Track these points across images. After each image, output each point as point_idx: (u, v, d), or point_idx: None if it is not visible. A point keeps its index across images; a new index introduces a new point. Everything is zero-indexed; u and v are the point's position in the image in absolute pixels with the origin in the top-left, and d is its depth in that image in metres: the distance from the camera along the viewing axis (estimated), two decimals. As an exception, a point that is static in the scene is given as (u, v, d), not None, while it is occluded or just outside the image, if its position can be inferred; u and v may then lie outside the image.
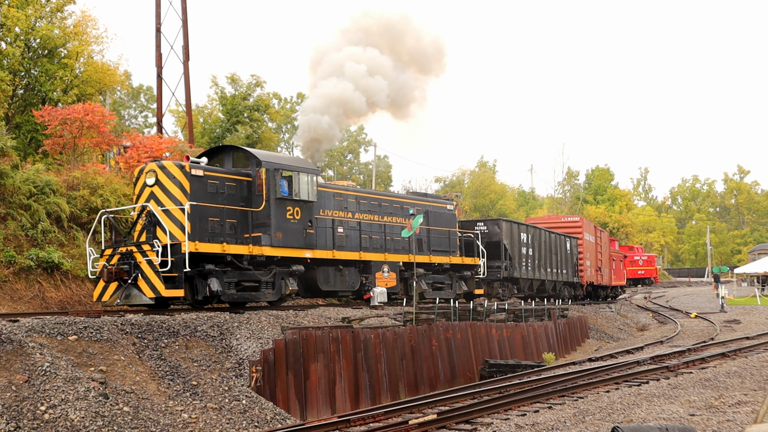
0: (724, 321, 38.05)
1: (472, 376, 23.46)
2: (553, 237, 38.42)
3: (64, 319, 15.60)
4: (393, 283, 25.07)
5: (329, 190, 23.72)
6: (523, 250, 34.21)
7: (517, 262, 33.41)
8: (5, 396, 12.67)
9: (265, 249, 20.60)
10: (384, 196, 26.68)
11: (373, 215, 25.10)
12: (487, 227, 32.62)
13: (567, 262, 40.03)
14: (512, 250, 32.84)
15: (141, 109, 75.40)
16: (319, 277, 22.78)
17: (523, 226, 35.27)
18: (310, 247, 22.01)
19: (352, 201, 24.45)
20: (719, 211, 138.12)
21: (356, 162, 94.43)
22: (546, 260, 36.99)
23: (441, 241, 27.85)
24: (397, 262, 25.44)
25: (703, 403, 14.27)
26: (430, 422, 13.51)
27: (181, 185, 19.47)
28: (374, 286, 24.06)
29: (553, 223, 43.48)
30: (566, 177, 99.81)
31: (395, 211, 26.23)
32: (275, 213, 20.86)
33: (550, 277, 37.58)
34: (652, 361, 21.47)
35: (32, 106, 31.07)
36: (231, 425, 14.79)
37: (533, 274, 35.29)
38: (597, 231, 47.28)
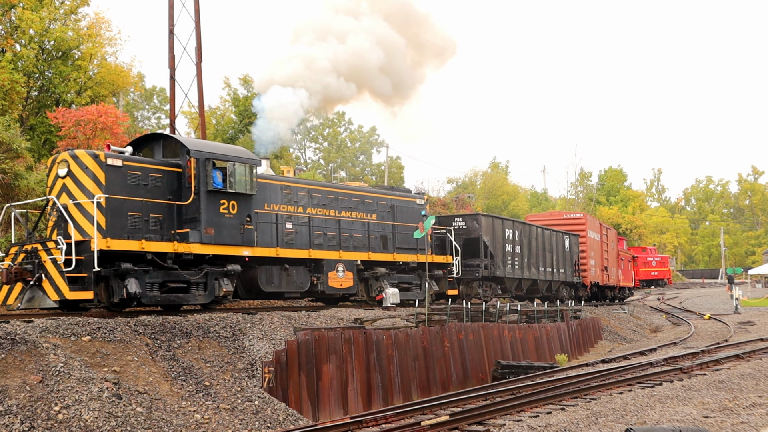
0: (738, 322, 37.86)
1: (485, 378, 23.42)
2: (548, 234, 36.34)
3: (77, 320, 15.67)
4: (349, 283, 23.20)
5: (276, 183, 21.92)
6: (509, 248, 32.15)
7: (501, 261, 31.34)
8: (20, 396, 12.74)
9: (193, 246, 18.71)
10: (342, 189, 24.63)
11: (328, 210, 23.28)
12: (466, 223, 30.45)
13: (565, 260, 38.10)
14: (494, 248, 30.76)
15: (154, 110, 75.65)
16: (260, 278, 20.89)
17: (509, 222, 33.11)
18: (249, 245, 20.12)
19: (304, 194, 22.63)
20: (733, 212, 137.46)
21: (368, 163, 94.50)
22: (538, 258, 34.99)
23: (408, 238, 25.87)
24: (355, 261, 23.59)
25: (717, 405, 14.20)
26: (443, 423, 13.49)
27: (94, 176, 17.60)
28: (327, 285, 22.42)
29: (554, 220, 41.69)
30: (579, 178, 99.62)
31: (355, 206, 24.35)
32: (206, 207, 19.02)
33: (544, 276, 35.58)
34: (665, 362, 21.37)
35: (46, 108, 31.24)
36: (243, 426, 14.82)
37: (522, 273, 33.26)
38: (603, 229, 45.53)
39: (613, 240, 48.18)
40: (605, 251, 45.17)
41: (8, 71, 28.69)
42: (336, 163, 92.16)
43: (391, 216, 25.53)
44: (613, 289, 49.12)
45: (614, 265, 47.69)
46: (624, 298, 52.28)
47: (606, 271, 44.90)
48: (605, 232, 45.79)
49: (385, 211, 25.42)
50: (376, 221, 24.83)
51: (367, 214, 24.52)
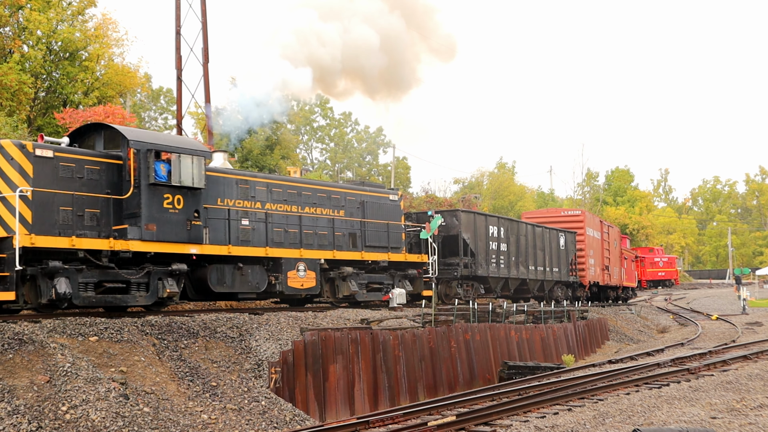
0: (745, 323, 37.76)
1: (491, 378, 23.40)
2: (539, 231, 34.71)
3: (85, 320, 15.72)
4: (311, 283, 21.78)
5: (231, 177, 20.63)
6: (493, 246, 30.54)
7: (484, 259, 29.78)
8: (27, 396, 12.78)
9: (132, 243, 17.32)
10: (305, 184, 23.05)
11: (289, 206, 21.91)
12: (444, 220, 28.52)
13: (560, 259, 36.51)
14: (475, 245, 29.17)
15: (161, 111, 75.80)
16: (210, 277, 19.43)
17: (494, 219, 31.49)
18: (197, 242, 18.71)
19: (262, 189, 21.33)
20: (741, 212, 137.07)
21: (375, 163, 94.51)
22: (528, 257, 33.38)
23: (379, 236, 24.59)
24: (317, 260, 22.17)
25: (725, 406, 14.16)
26: (449, 424, 13.48)
27: (21, 168, 16.37)
28: (286, 285, 21.13)
29: (551, 217, 40.29)
30: (586, 178, 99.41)
31: (321, 201, 22.99)
32: (148, 201, 17.65)
33: (535, 275, 33.97)
34: (672, 363, 21.32)
35: (54, 109, 31.34)
36: (250, 426, 14.83)
37: (509, 272, 31.66)
38: (604, 227, 43.88)
39: (615, 238, 46.76)
40: (606, 250, 43.69)
41: (16, 72, 28.80)
42: (342, 163, 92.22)
43: (361, 212, 24.21)
44: (616, 290, 47.66)
45: (617, 265, 46.28)
46: (627, 299, 50.98)
47: (607, 270, 43.42)
48: (607, 230, 44.34)
49: (354, 208, 24.10)
50: (343, 218, 23.57)
51: (334, 211, 23.26)
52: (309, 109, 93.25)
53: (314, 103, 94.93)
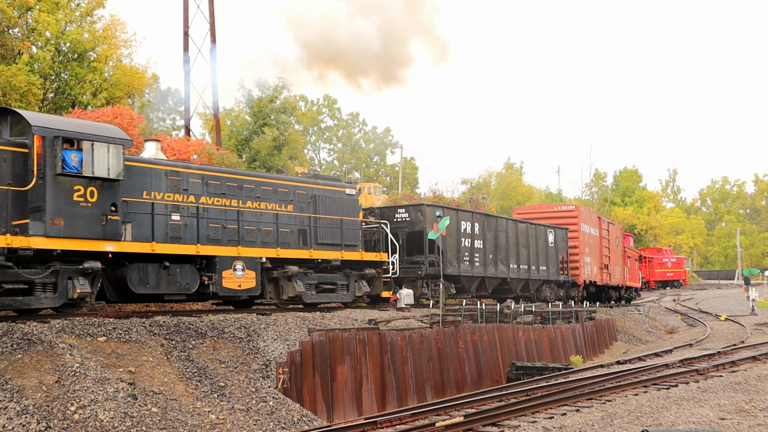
0: (754, 324, 37.63)
1: (499, 379, 23.39)
2: (523, 228, 32.96)
3: (93, 320, 15.76)
4: (250, 283, 19.99)
5: (160, 168, 18.80)
6: (465, 243, 28.70)
7: (454, 257, 27.98)
8: (36, 396, 12.83)
9: (34, 240, 15.63)
10: (247, 176, 21.35)
11: (228, 199, 20.22)
12: (409, 215, 27.14)
13: (548, 257, 34.60)
14: (444, 242, 27.29)
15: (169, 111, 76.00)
16: (131, 277, 17.53)
17: (467, 214, 29.60)
18: (114, 238, 16.88)
19: (196, 182, 19.51)
20: (749, 212, 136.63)
21: (383, 164, 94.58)
22: (509, 254, 31.48)
23: (333, 233, 22.75)
24: (258, 258, 20.37)
25: (734, 407, 14.13)
26: (457, 424, 13.48)
27: None
28: (221, 286, 19.46)
29: (543, 212, 38.47)
30: (594, 178, 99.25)
31: (265, 195, 21.22)
32: (54, 193, 15.93)
33: (517, 274, 32.09)
34: (681, 364, 21.28)
35: (62, 110, 31.42)
36: (258, 426, 14.86)
37: (485, 270, 29.73)
38: (602, 223, 41.79)
39: (617, 236, 44.88)
40: (606, 248, 41.74)
41: (25, 73, 28.89)
42: (350, 164, 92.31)
43: (312, 207, 22.41)
44: (618, 290, 45.96)
45: (618, 264, 44.48)
46: (630, 299, 49.46)
47: (606, 269, 41.44)
48: (606, 227, 42.46)
49: (304, 202, 22.27)
50: (291, 213, 21.78)
51: (281, 205, 21.47)
52: (317, 110, 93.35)
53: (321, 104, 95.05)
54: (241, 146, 51.15)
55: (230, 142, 50.12)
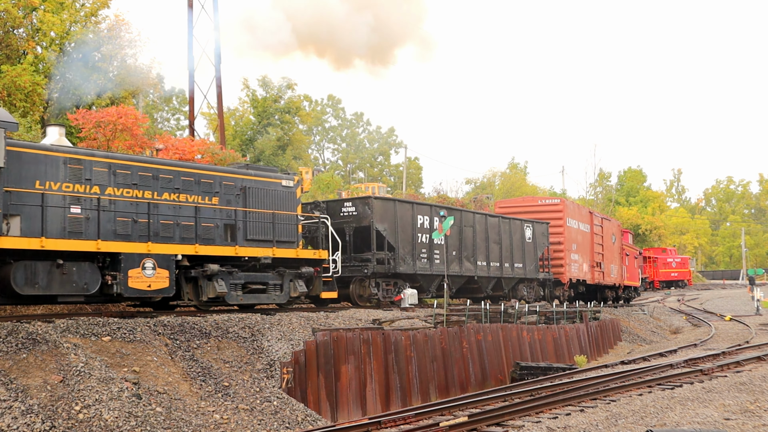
0: (759, 324, 37.56)
1: (503, 379, 23.38)
2: (494, 222, 30.97)
3: (98, 320, 15.79)
4: (162, 283, 17.98)
5: (57, 155, 16.85)
6: (422, 238, 26.67)
7: (408, 253, 25.95)
8: (41, 395, 12.85)
9: None
10: (163, 165, 19.17)
11: (140, 191, 18.14)
12: (356, 209, 25.13)
13: (524, 253, 32.53)
14: (396, 238, 25.32)
15: (173, 111, 76.14)
16: (15, 277, 15.73)
17: (424, 207, 27.47)
18: None
19: (102, 171, 17.42)
20: (754, 212, 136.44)
21: (387, 164, 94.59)
22: (477, 251, 29.40)
23: (264, 228, 20.68)
24: (172, 255, 18.32)
25: (739, 407, 14.10)
26: (461, 424, 13.47)
27: None
28: (127, 286, 17.48)
29: (526, 206, 36.50)
30: (598, 178, 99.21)
31: (186, 187, 19.18)
32: None
33: (487, 272, 30.10)
34: (685, 364, 21.25)
35: (67, 110, 31.47)
36: (262, 426, 14.87)
37: (447, 268, 27.49)
38: (595, 219, 39.71)
39: (613, 233, 42.96)
40: (599, 245, 39.68)
41: (30, 73, 28.93)
42: (354, 164, 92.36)
43: (241, 200, 20.33)
44: (615, 289, 44.24)
45: (615, 262, 42.68)
46: (629, 299, 48.00)
47: (599, 267, 39.38)
48: (599, 223, 40.38)
49: (232, 194, 20.17)
50: (215, 206, 19.68)
51: (204, 197, 19.50)
52: (321, 110, 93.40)
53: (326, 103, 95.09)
54: (245, 146, 51.24)
55: (234, 141, 50.19)
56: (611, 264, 41.98)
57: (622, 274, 44.56)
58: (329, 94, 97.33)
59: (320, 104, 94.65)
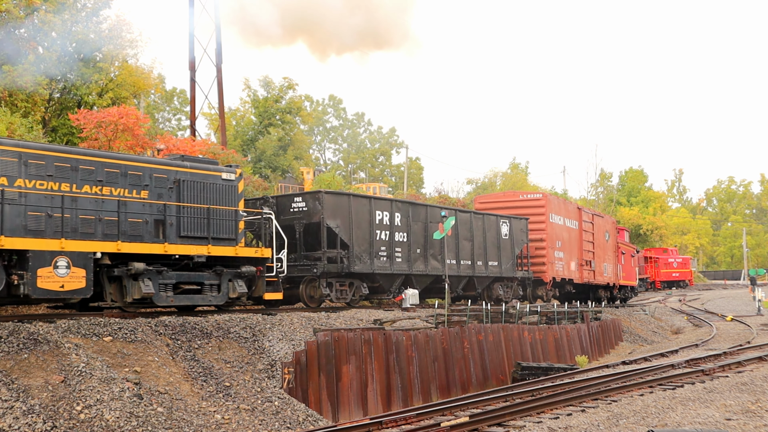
0: (761, 324, 37.53)
1: (505, 379, 23.38)
2: (465, 218, 29.32)
3: (99, 320, 15.80)
4: (78, 283, 16.47)
5: None
6: (381, 235, 24.94)
7: (365, 251, 24.25)
8: (42, 396, 12.86)
9: None
10: (84, 156, 17.55)
11: (57, 183, 16.71)
12: (306, 204, 23.43)
13: (500, 250, 30.72)
14: (350, 235, 23.70)
15: (174, 112, 76.17)
16: None
17: (384, 203, 25.71)
18: None
19: (11, 161, 16.08)
20: (756, 212, 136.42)
21: (388, 164, 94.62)
22: (446, 248, 27.53)
23: (199, 224, 19.09)
24: (90, 253, 16.70)
25: (740, 408, 14.10)
26: (463, 425, 13.47)
27: None
28: (35, 286, 15.85)
29: (507, 201, 34.87)
30: (599, 178, 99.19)
31: (110, 179, 17.62)
32: None
33: (456, 271, 28.39)
34: (687, 364, 21.24)
35: (68, 110, 31.49)
36: (263, 426, 14.87)
37: (410, 267, 25.99)
38: (584, 215, 38.10)
39: (605, 230, 41.21)
40: (589, 242, 38.01)
41: (31, 73, 28.96)
42: (355, 164, 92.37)
43: (175, 194, 18.77)
44: (609, 289, 42.43)
45: (608, 260, 41.04)
46: (626, 299, 46.35)
47: (589, 266, 37.67)
48: (590, 219, 38.67)
49: (164, 188, 18.60)
50: (144, 200, 18.13)
51: (131, 191, 17.93)
52: (322, 110, 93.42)
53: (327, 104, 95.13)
54: (247, 146, 51.26)
55: (235, 142, 50.22)
56: (604, 262, 40.46)
57: (617, 273, 43.14)
58: (330, 94, 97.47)
59: (321, 104, 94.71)
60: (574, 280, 36.46)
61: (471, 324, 23.48)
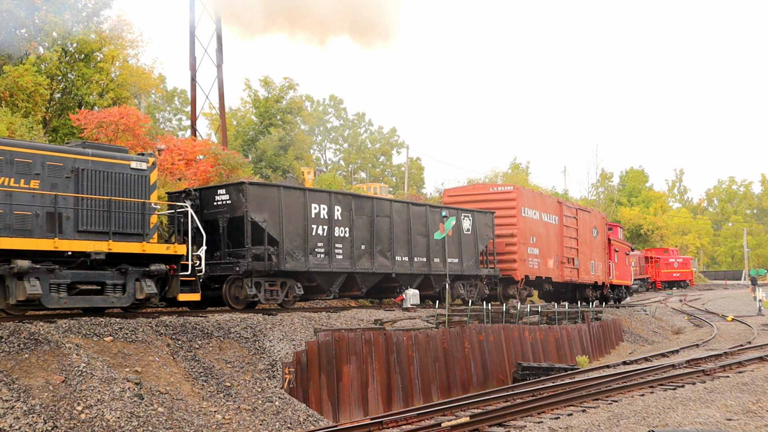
0: (761, 324, 37.53)
1: (505, 379, 23.39)
2: (419, 211, 26.88)
3: (100, 320, 15.80)
4: None
5: None
6: (319, 230, 22.78)
7: (299, 248, 22.10)
8: (43, 396, 12.86)
9: None
10: None
11: None
12: (230, 196, 21.34)
13: (461, 247, 28.48)
14: (280, 231, 21.56)
15: (175, 112, 76.19)
16: None
17: (322, 195, 23.39)
18: None
19: None
20: (756, 213, 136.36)
21: (389, 164, 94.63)
22: (397, 244, 25.41)
23: (101, 217, 17.11)
24: None
25: (741, 408, 14.10)
26: (463, 425, 13.48)
27: None
28: None
29: (475, 194, 32.80)
30: (600, 179, 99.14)
31: None
32: None
33: (409, 269, 25.95)
34: (687, 364, 21.24)
35: (69, 110, 31.51)
36: (264, 426, 14.87)
37: (354, 264, 23.72)
38: (565, 209, 36.11)
39: (594, 225, 39.04)
40: (572, 238, 36.08)
41: (32, 74, 28.98)
42: (356, 164, 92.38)
43: (73, 184, 16.85)
44: (599, 288, 40.31)
45: (596, 258, 38.98)
46: (620, 299, 44.69)
47: (571, 263, 35.64)
48: (573, 214, 36.68)
49: (60, 177, 16.66)
50: (34, 190, 16.21)
51: (18, 180, 16.01)
52: (323, 110, 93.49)
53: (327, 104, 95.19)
54: (248, 146, 51.26)
55: (236, 142, 50.21)
56: (591, 260, 38.40)
57: (609, 271, 41.14)
58: (331, 95, 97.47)
59: (322, 104, 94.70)
60: (553, 278, 34.49)
61: (472, 324, 23.49)
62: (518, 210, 31.87)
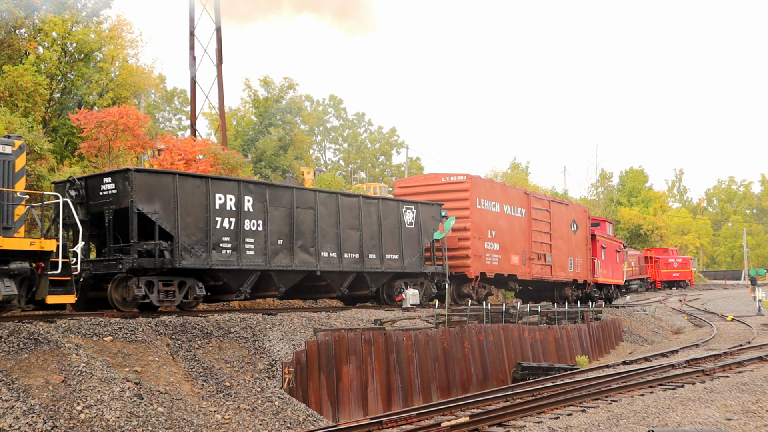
0: (761, 324, 37.52)
1: (505, 379, 23.38)
2: (351, 203, 24.37)
3: (99, 320, 15.80)
4: None
5: None
6: (225, 223, 20.26)
7: (200, 242, 19.60)
8: (42, 396, 12.86)
9: None
10: None
11: None
12: (116, 185, 18.74)
13: (402, 241, 25.80)
14: (176, 223, 18.99)
15: (175, 111, 76.22)
16: None
17: (228, 184, 20.73)
18: None
19: None
20: (756, 213, 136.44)
21: (388, 164, 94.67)
22: (324, 239, 22.97)
23: None
24: None
25: (740, 408, 14.10)
26: (463, 424, 13.47)
27: None
28: None
29: (427, 185, 30.11)
30: (599, 178, 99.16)
31: None
32: None
33: (337, 266, 23.35)
34: (687, 364, 21.23)
35: (69, 110, 31.53)
36: (264, 426, 14.87)
37: (269, 261, 21.18)
38: (534, 201, 33.58)
39: (573, 219, 36.67)
40: (543, 233, 33.86)
41: (31, 73, 28.99)
42: (356, 164, 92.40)
43: None
44: (581, 287, 37.97)
45: (576, 254, 36.64)
46: (610, 299, 43.07)
47: (542, 259, 33.36)
48: (545, 207, 34.38)
49: None
50: None
51: None
52: (323, 110, 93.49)
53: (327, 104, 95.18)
54: (247, 146, 51.29)
55: (236, 142, 50.25)
56: (568, 257, 35.89)
57: (594, 269, 38.49)
58: (331, 94, 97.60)
59: (322, 104, 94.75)
60: (519, 276, 31.95)
61: (471, 324, 23.49)
62: (472, 201, 29.30)
